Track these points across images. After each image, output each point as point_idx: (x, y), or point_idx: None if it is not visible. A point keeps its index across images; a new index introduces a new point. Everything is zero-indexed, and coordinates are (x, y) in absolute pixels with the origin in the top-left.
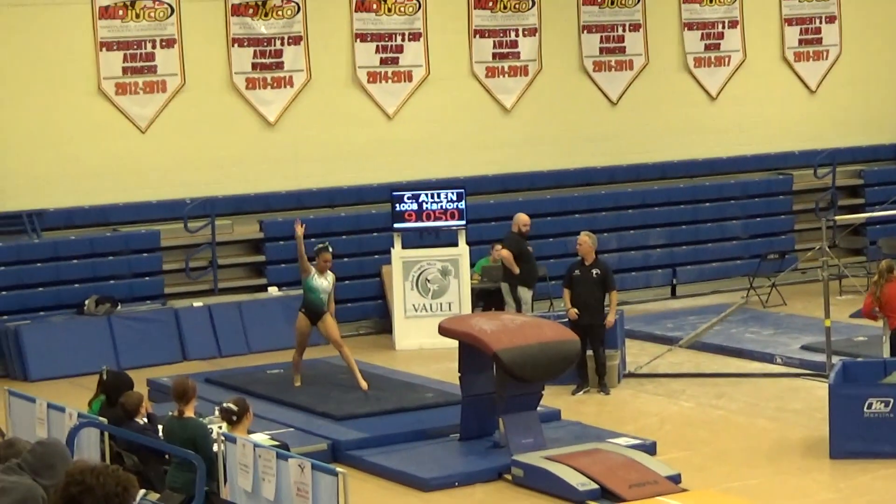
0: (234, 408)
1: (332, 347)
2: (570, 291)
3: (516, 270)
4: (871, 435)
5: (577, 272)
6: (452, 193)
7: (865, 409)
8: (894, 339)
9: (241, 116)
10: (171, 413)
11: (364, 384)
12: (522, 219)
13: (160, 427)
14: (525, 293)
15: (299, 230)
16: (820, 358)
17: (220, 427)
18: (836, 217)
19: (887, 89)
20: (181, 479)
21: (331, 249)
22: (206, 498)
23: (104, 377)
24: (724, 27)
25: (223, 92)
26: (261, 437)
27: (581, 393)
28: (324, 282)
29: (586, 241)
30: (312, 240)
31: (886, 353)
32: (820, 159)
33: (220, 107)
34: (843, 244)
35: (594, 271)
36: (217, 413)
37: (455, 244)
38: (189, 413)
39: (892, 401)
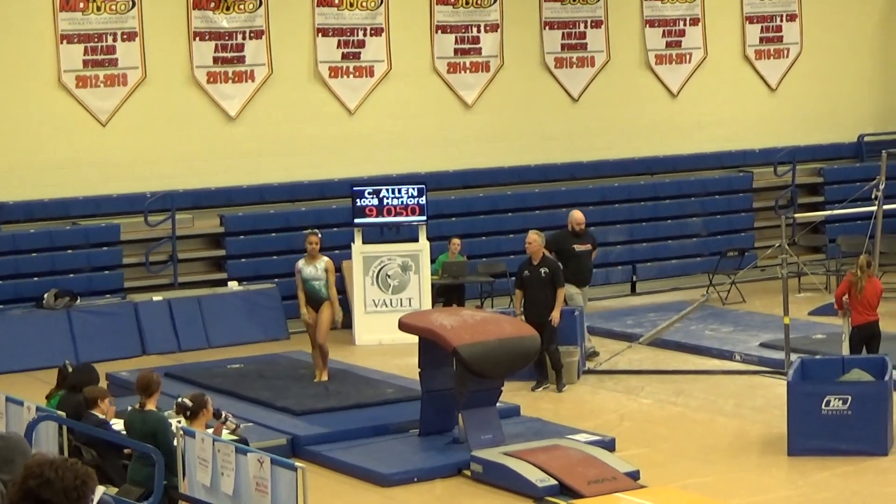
0: (189, 403)
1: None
2: (521, 293)
3: None
4: (829, 432)
5: (526, 272)
6: (413, 189)
7: (824, 407)
8: (855, 336)
9: (202, 110)
10: (131, 406)
11: (325, 377)
12: (574, 217)
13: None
14: (572, 290)
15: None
16: (779, 355)
17: (180, 421)
18: (796, 214)
19: (847, 87)
20: (142, 473)
21: (319, 234)
22: (165, 492)
23: (66, 371)
24: (685, 24)
25: (184, 86)
26: (222, 433)
27: (541, 389)
28: (312, 270)
29: (536, 240)
30: (273, 235)
31: (846, 351)
32: (780, 157)
33: (181, 101)
34: (802, 242)
35: (542, 270)
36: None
37: (416, 240)
38: (151, 406)
39: (850, 398)
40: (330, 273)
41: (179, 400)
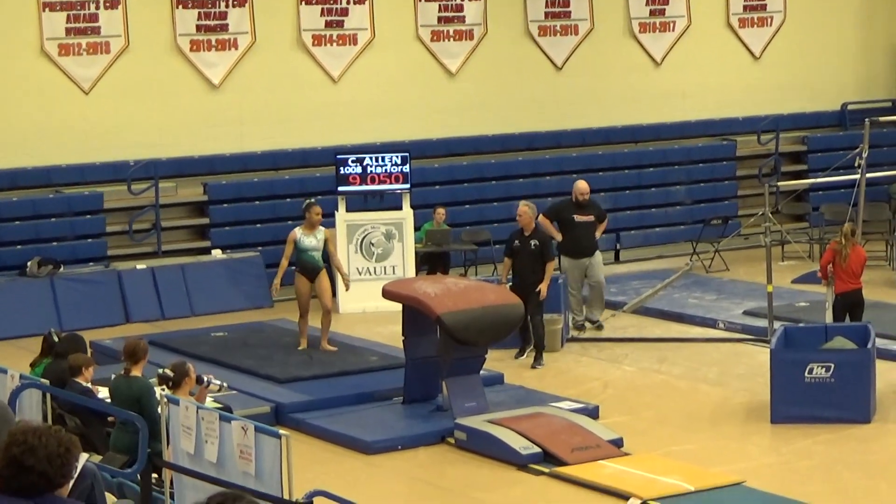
0: (171, 373)
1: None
2: (509, 262)
3: (557, 237)
4: (811, 400)
5: (517, 242)
6: (397, 157)
7: (806, 375)
8: (839, 304)
9: (185, 79)
10: (116, 373)
11: (330, 347)
12: (578, 186)
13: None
14: (567, 264)
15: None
16: (762, 323)
17: (163, 389)
18: (780, 183)
19: (831, 56)
20: (125, 441)
21: (318, 204)
22: (149, 459)
23: (52, 340)
24: None
25: (167, 54)
26: (206, 398)
27: (524, 356)
28: (312, 240)
29: (526, 212)
30: (256, 203)
31: (829, 319)
32: (763, 125)
33: (164, 69)
34: (785, 210)
35: (533, 242)
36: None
37: (399, 208)
38: (136, 373)
39: (832, 366)
40: (331, 242)
41: (161, 372)
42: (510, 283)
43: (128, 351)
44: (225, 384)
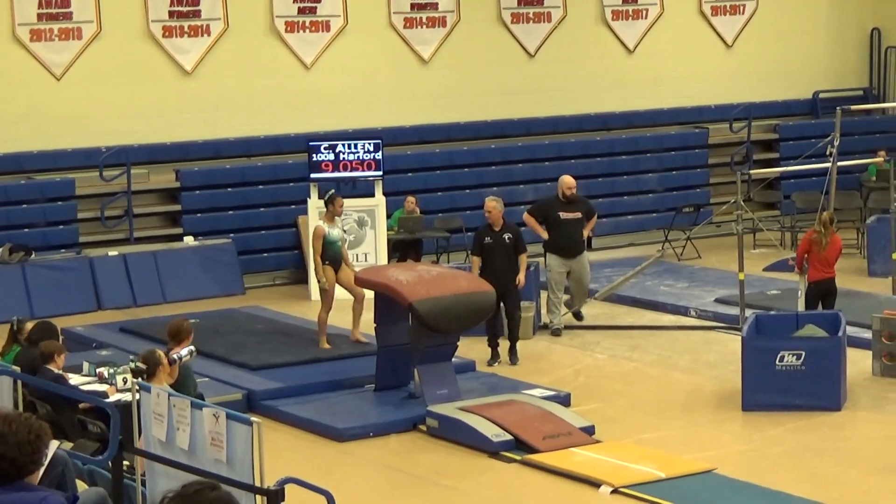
0: (143, 365)
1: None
2: (479, 260)
3: (542, 235)
4: (782, 387)
5: (488, 239)
6: (369, 144)
7: (778, 362)
8: (812, 292)
9: (157, 65)
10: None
11: (360, 339)
12: (564, 181)
13: None
14: (552, 263)
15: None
16: (733, 311)
17: (127, 378)
18: (751, 171)
19: (802, 44)
20: None
21: (340, 195)
22: (120, 446)
23: (17, 326)
24: None
25: (139, 40)
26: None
27: (496, 364)
28: (338, 231)
29: (496, 208)
30: (229, 190)
31: (801, 307)
32: (735, 113)
33: (137, 55)
34: (757, 198)
35: (506, 236)
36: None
37: (371, 195)
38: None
39: (803, 354)
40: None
41: (133, 366)
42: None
43: (171, 331)
44: (193, 349)
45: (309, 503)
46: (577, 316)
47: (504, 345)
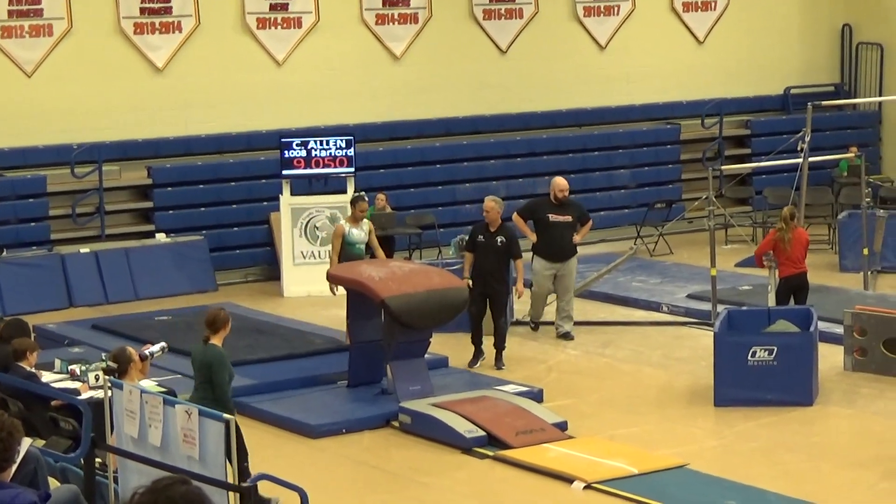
0: (114, 364)
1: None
2: (472, 256)
3: (531, 238)
4: (754, 383)
5: (481, 238)
6: (341, 140)
7: (749, 358)
8: (783, 288)
9: (128, 62)
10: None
11: None
12: (556, 183)
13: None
14: (538, 266)
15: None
16: (705, 306)
17: (99, 376)
18: (723, 167)
19: (773, 40)
20: (195, 401)
21: (366, 198)
22: (92, 444)
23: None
24: None
25: (111, 36)
26: (148, 384)
27: (478, 364)
28: (360, 233)
29: (494, 207)
30: (201, 186)
31: (772, 302)
32: (707, 109)
33: (108, 52)
34: (729, 194)
35: (499, 238)
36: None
37: (344, 191)
38: (215, 341)
39: (775, 349)
40: (372, 232)
41: (105, 365)
42: (472, 281)
43: (208, 320)
44: (165, 346)
45: (283, 499)
46: (568, 336)
47: (489, 343)
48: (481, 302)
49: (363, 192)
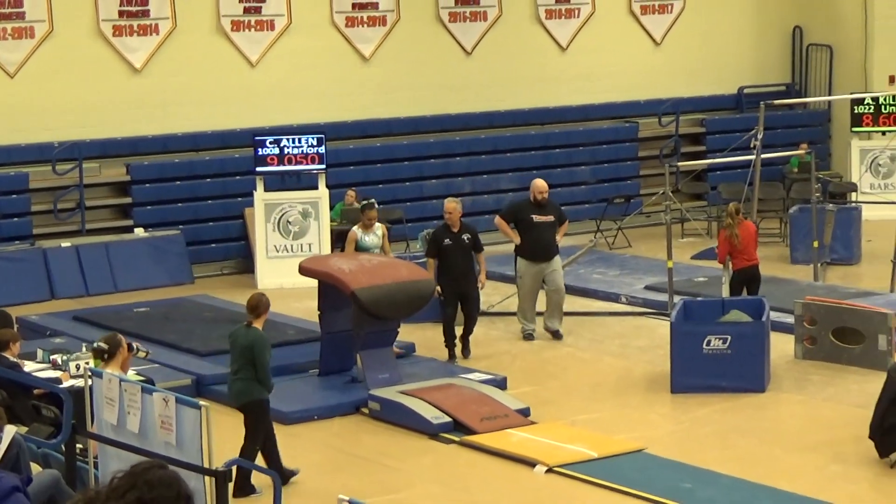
0: (105, 346)
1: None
2: (435, 262)
3: (514, 240)
4: (709, 370)
5: (447, 241)
6: (313, 138)
7: (705, 346)
8: (736, 279)
9: (107, 63)
10: (241, 325)
11: (396, 349)
12: (536, 185)
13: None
14: (523, 267)
15: None
16: (662, 297)
17: (87, 363)
18: (679, 163)
19: (728, 42)
20: (237, 386)
21: (377, 206)
22: (73, 430)
23: None
24: None
25: (90, 38)
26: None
27: (454, 362)
28: (374, 238)
29: (457, 208)
30: (177, 183)
31: (726, 293)
32: (664, 108)
33: (88, 53)
34: (685, 189)
35: (465, 237)
36: (86, 350)
37: (315, 187)
38: (257, 325)
39: (729, 338)
40: (385, 237)
41: (95, 345)
42: (443, 283)
43: (250, 305)
44: (149, 351)
45: (257, 484)
46: (557, 334)
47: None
48: (455, 303)
49: (373, 200)
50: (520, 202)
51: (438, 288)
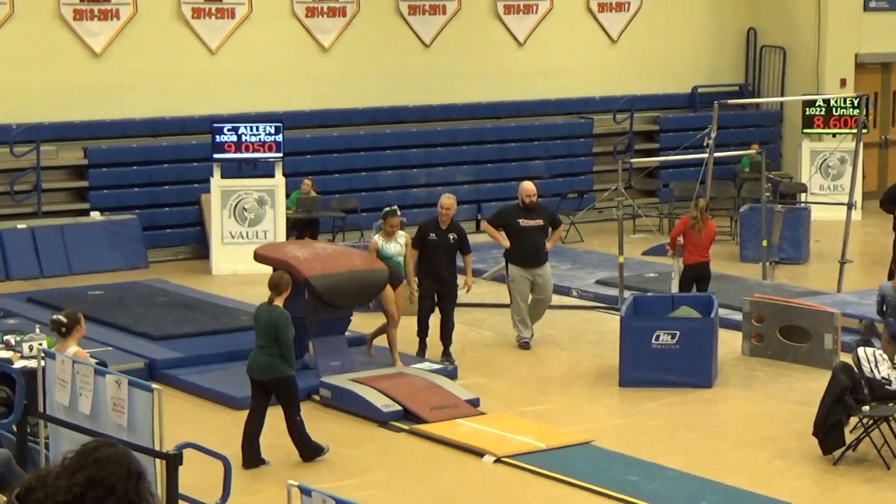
0: (64, 319)
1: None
2: (416, 252)
3: (503, 244)
4: (657, 365)
5: (433, 236)
6: (270, 127)
7: (653, 341)
8: (687, 275)
9: (68, 47)
10: (263, 302)
11: (399, 365)
12: (524, 188)
13: None
14: (514, 273)
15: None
16: (613, 292)
17: (41, 344)
18: (633, 160)
19: (683, 42)
20: (260, 361)
21: (399, 213)
22: (25, 410)
23: None
24: None
25: (51, 22)
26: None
27: (425, 361)
28: (396, 246)
29: (453, 205)
30: (135, 168)
31: (675, 288)
32: (619, 105)
33: (48, 37)
34: (638, 186)
35: (451, 236)
36: (39, 331)
37: (272, 175)
38: (278, 303)
39: (678, 333)
40: (408, 247)
41: (54, 317)
42: (424, 278)
43: (272, 283)
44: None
45: (207, 467)
46: (525, 345)
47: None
48: (433, 297)
49: (395, 207)
50: (508, 207)
51: (415, 284)
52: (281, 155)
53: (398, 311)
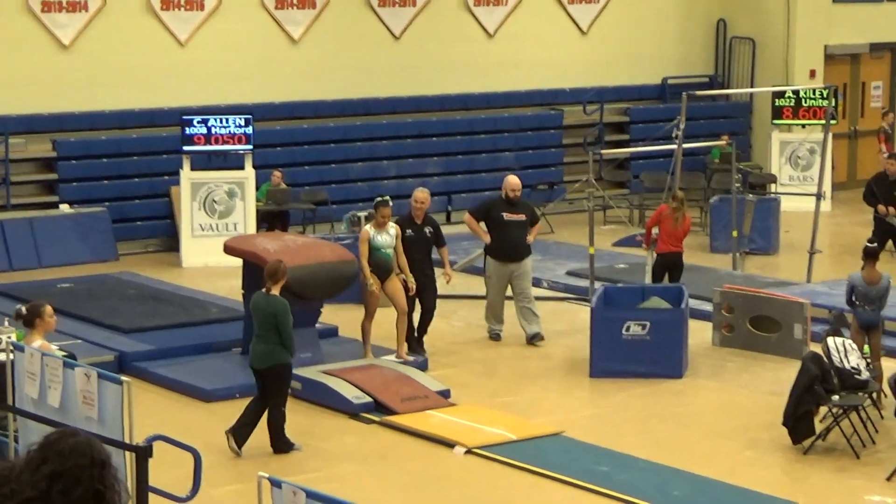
0: (24, 311)
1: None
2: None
3: (484, 238)
4: (628, 356)
5: (409, 232)
6: (240, 119)
7: (624, 332)
8: (659, 264)
9: (36, 38)
10: (260, 291)
11: (406, 356)
12: (508, 182)
13: None
14: (492, 267)
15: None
16: (583, 283)
17: (10, 337)
18: (603, 151)
19: (652, 33)
20: (259, 349)
21: (390, 204)
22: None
23: None
24: None
25: (19, 13)
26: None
27: (416, 357)
28: (386, 237)
29: (427, 199)
30: (104, 160)
31: (648, 279)
32: (589, 97)
33: (16, 29)
34: (608, 177)
35: (427, 230)
36: (8, 324)
37: (242, 168)
38: (275, 292)
39: (648, 324)
40: (398, 238)
41: (18, 307)
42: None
43: (269, 272)
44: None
45: (177, 460)
46: (536, 338)
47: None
48: (412, 298)
49: (387, 197)
50: (492, 200)
51: (411, 276)
52: (251, 147)
53: (405, 302)
